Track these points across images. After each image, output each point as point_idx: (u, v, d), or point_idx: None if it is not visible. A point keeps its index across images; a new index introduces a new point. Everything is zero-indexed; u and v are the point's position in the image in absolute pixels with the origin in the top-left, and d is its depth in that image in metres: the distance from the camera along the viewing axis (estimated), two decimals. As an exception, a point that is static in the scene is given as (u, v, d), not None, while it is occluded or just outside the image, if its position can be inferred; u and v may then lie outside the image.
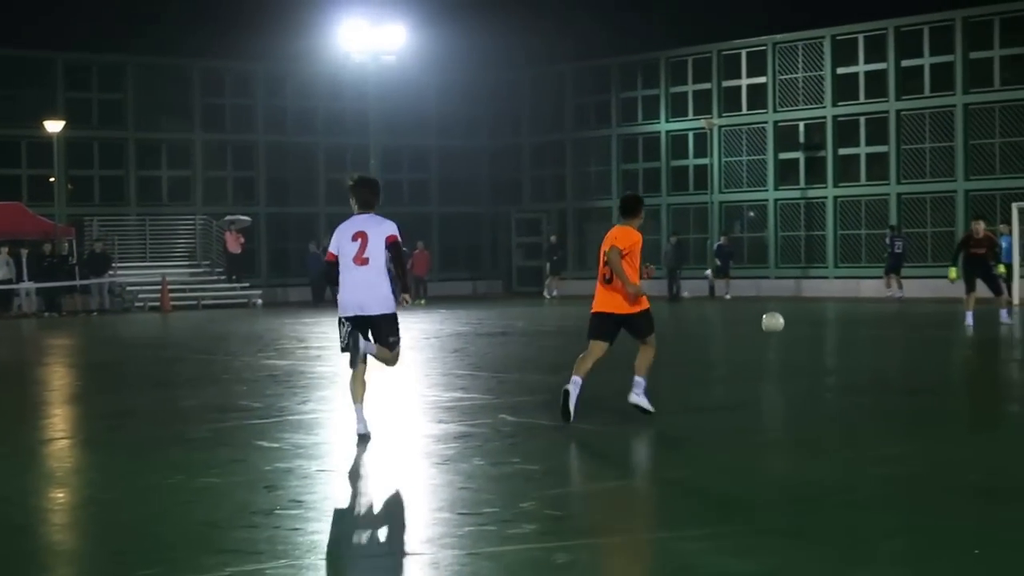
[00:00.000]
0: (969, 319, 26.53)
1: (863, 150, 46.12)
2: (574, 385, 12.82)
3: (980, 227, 27.02)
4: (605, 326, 13.27)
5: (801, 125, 47.54)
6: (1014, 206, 38.91)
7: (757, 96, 48.54)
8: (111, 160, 48.11)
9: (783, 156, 48.01)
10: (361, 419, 12.27)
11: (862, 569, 7.20)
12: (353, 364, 12.29)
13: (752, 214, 49.10)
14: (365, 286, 12.03)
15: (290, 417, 13.88)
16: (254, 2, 54.74)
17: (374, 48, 47.64)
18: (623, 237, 12.97)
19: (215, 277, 47.18)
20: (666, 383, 18.03)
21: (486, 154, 56.61)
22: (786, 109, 47.66)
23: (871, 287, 44.36)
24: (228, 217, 47.06)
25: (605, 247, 12.91)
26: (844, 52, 46.40)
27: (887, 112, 45.07)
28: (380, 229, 12.16)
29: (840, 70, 46.40)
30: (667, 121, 50.87)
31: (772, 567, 7.27)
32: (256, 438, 12.34)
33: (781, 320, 17.66)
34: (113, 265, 43.99)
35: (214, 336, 29.43)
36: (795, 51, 47.44)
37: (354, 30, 47.24)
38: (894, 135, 44.84)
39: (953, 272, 27.78)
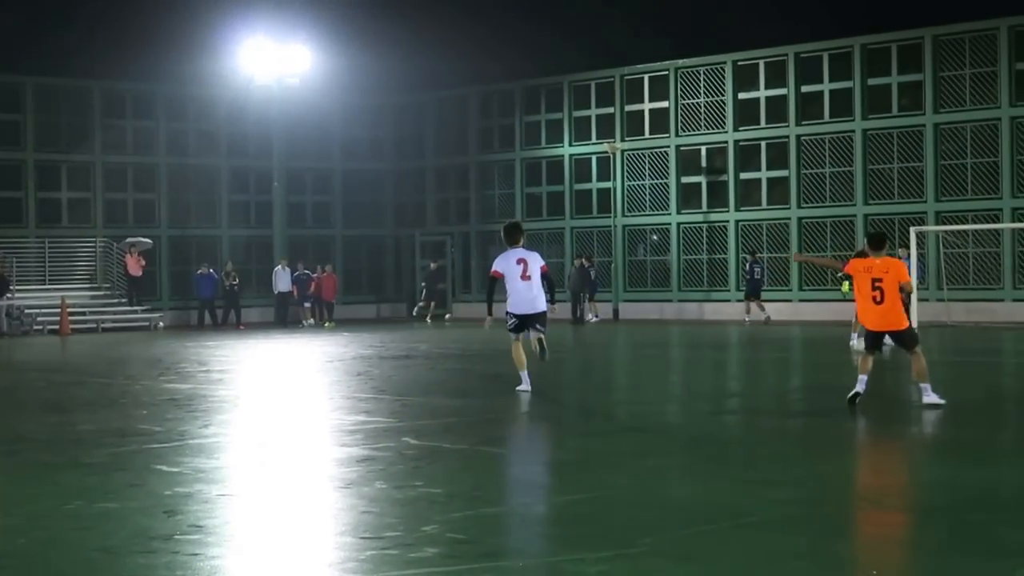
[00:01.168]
0: (854, 340, 27.16)
1: (764, 174, 46.57)
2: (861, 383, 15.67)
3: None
4: (877, 340, 15.98)
5: (703, 149, 47.92)
6: (912, 230, 39.48)
7: (660, 120, 48.87)
8: (9, 182, 47.47)
9: (685, 180, 48.36)
10: (525, 380, 18.41)
11: (762, 590, 7.25)
12: (517, 334, 18.59)
13: (655, 237, 49.38)
14: (529, 294, 18.37)
15: (191, 441, 13.75)
16: (156, 24, 54.44)
17: (278, 71, 47.59)
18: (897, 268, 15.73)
19: (116, 300, 46.70)
20: (568, 407, 18.08)
21: (390, 177, 56.56)
22: (688, 133, 48.02)
23: (772, 310, 44.77)
24: (129, 239, 46.62)
25: (884, 276, 15.48)
26: (745, 77, 46.86)
27: (787, 137, 45.55)
28: (534, 258, 18.65)
29: (741, 95, 46.84)
30: (570, 145, 51.09)
31: (673, 589, 7.30)
32: (156, 462, 12.21)
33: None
34: (11, 288, 43.40)
35: (114, 359, 29.11)
36: (697, 76, 47.84)
37: (257, 53, 47.15)
38: (794, 160, 45.32)
39: (845, 286, 28.47)
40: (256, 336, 38.98)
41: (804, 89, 45.41)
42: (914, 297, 38.00)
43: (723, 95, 47.15)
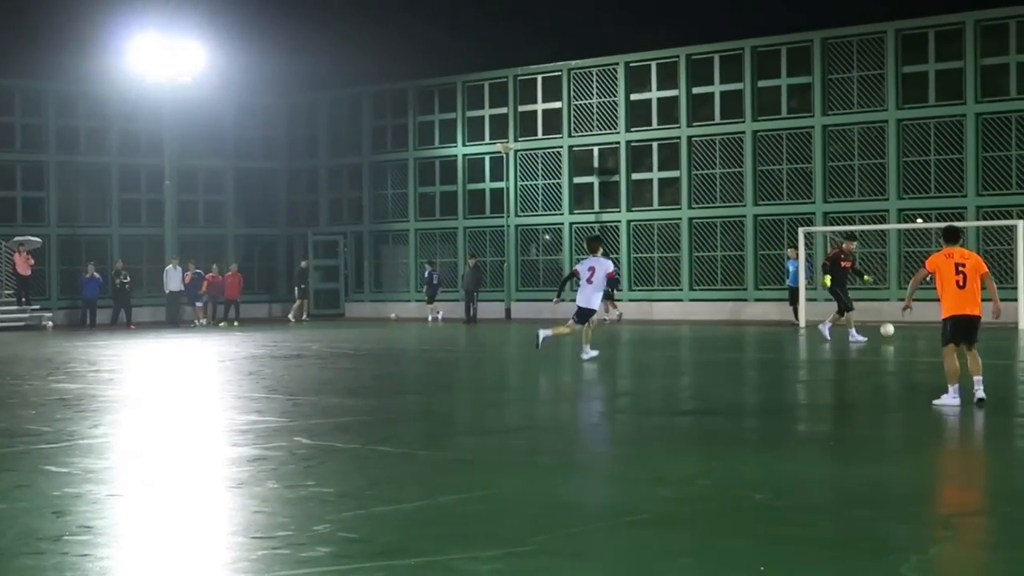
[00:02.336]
0: (826, 334, 30.02)
1: (655, 175, 46.90)
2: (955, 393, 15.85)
3: (852, 246, 31.79)
4: (959, 329, 16.04)
5: (595, 150, 48.18)
6: (800, 231, 39.98)
7: (552, 121, 49.05)
8: None
9: (578, 180, 48.58)
10: (586, 351, 24.68)
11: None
12: (579, 323, 24.83)
13: (548, 237, 49.55)
14: (588, 294, 24.67)
15: (80, 441, 13.63)
16: (47, 21, 53.73)
17: (170, 69, 47.19)
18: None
19: (4, 299, 46.05)
20: (459, 405, 18.13)
21: (283, 176, 56.30)
22: (581, 134, 48.25)
23: (664, 309, 45.18)
24: (17, 238, 45.98)
25: (966, 262, 16.00)
26: (637, 79, 47.16)
27: (679, 138, 45.91)
28: (603, 265, 24.61)
29: (633, 96, 47.14)
30: (464, 145, 51.13)
31: (563, 586, 7.36)
32: (44, 463, 12.09)
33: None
34: None
35: (2, 359, 28.72)
36: (590, 77, 48.08)
37: (150, 50, 46.71)
38: (685, 160, 45.69)
39: (828, 280, 30.77)
40: (147, 336, 38.63)
41: (695, 91, 45.79)
42: (802, 296, 38.61)
43: (615, 96, 47.42)
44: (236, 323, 46.17)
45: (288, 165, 56.23)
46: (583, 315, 24.81)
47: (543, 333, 25.58)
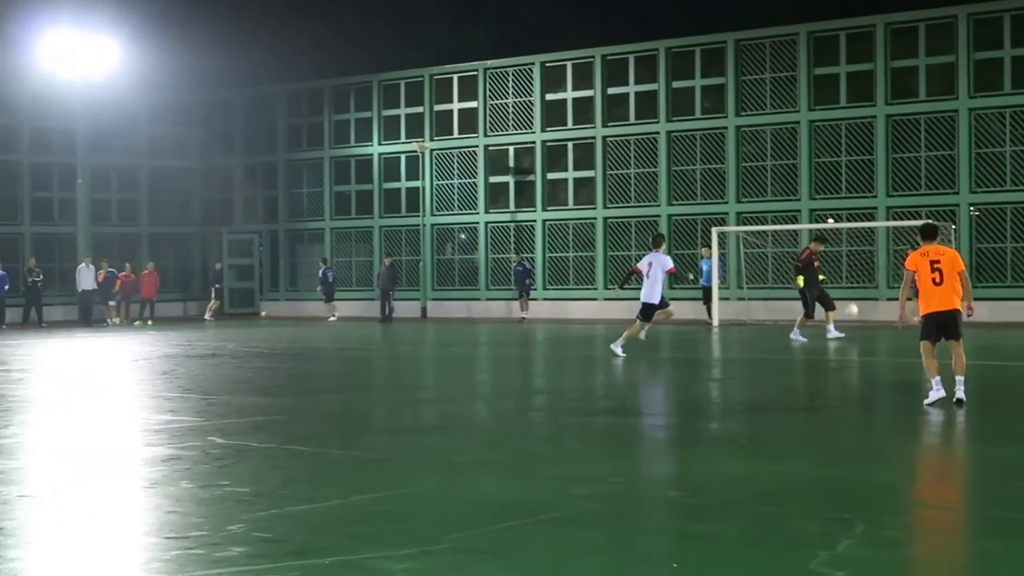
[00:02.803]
0: (798, 335, 29.87)
1: (571, 175, 47.05)
2: (938, 385, 15.84)
3: (820, 247, 32.51)
4: (933, 325, 16.29)
5: (511, 149, 48.25)
6: (714, 230, 40.28)
7: (468, 120, 49.08)
8: None
9: (493, 180, 48.63)
10: (618, 346, 25.11)
11: (565, 584, 7.39)
12: (645, 318, 25.69)
13: (463, 236, 49.58)
14: (648, 289, 25.39)
15: (-9, 442, 13.49)
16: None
17: (82, 66, 46.72)
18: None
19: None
20: (375, 404, 18.12)
21: (197, 174, 55.92)
22: (497, 134, 48.30)
23: (579, 308, 45.33)
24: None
25: (942, 258, 16.19)
26: (553, 79, 47.28)
27: (594, 138, 46.08)
28: (662, 261, 25.51)
29: (549, 96, 47.26)
30: (380, 144, 51.04)
31: (478, 584, 7.40)
32: (-46, 464, 11.97)
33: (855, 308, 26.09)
34: None
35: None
36: (506, 77, 48.14)
37: (62, 47, 46.24)
38: (600, 160, 45.86)
39: (800, 280, 31.32)
40: (59, 335, 38.26)
41: (610, 91, 45.98)
42: (715, 295, 38.88)
43: (531, 96, 47.52)
44: (150, 322, 45.83)
45: (202, 163, 55.87)
46: (647, 310, 25.54)
47: (617, 348, 25.30)
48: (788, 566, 7.70)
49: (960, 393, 15.69)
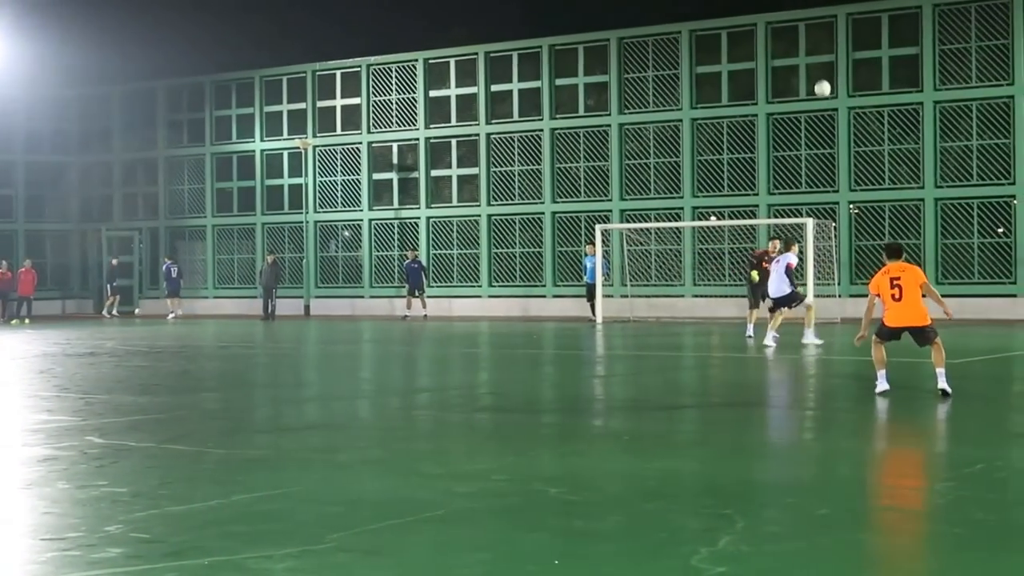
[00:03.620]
0: (751, 330, 29.99)
1: (455, 172, 47.02)
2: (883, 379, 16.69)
3: (776, 244, 31.80)
4: (892, 335, 16.87)
5: (395, 146, 48.13)
6: (598, 228, 40.45)
7: (352, 117, 48.88)
8: None
9: (377, 177, 48.48)
10: (772, 339, 26.29)
11: (445, 583, 7.36)
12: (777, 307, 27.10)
13: (347, 234, 49.37)
14: (775, 283, 26.85)
15: None
16: None
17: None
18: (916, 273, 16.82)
19: None
20: (256, 403, 17.97)
21: (75, 170, 55.15)
22: (380, 130, 48.15)
23: (463, 306, 45.34)
24: None
25: (902, 275, 16.62)
26: (437, 76, 47.23)
27: (478, 135, 46.09)
28: (785, 258, 26.80)
29: (433, 93, 47.20)
30: (262, 140, 50.68)
31: (359, 584, 7.35)
32: None
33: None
34: None
35: None
36: (389, 73, 48.01)
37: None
38: (484, 157, 45.89)
39: (755, 274, 31.03)
40: (-68, 334, 37.56)
41: (494, 88, 46.02)
42: (599, 292, 39.06)
43: (415, 92, 47.43)
44: (27, 320, 45.10)
45: (80, 159, 55.12)
46: (779, 303, 26.99)
47: (769, 340, 26.34)
48: (670, 562, 7.72)
49: (943, 384, 16.18)
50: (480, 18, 53.50)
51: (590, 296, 40.08)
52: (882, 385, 16.49)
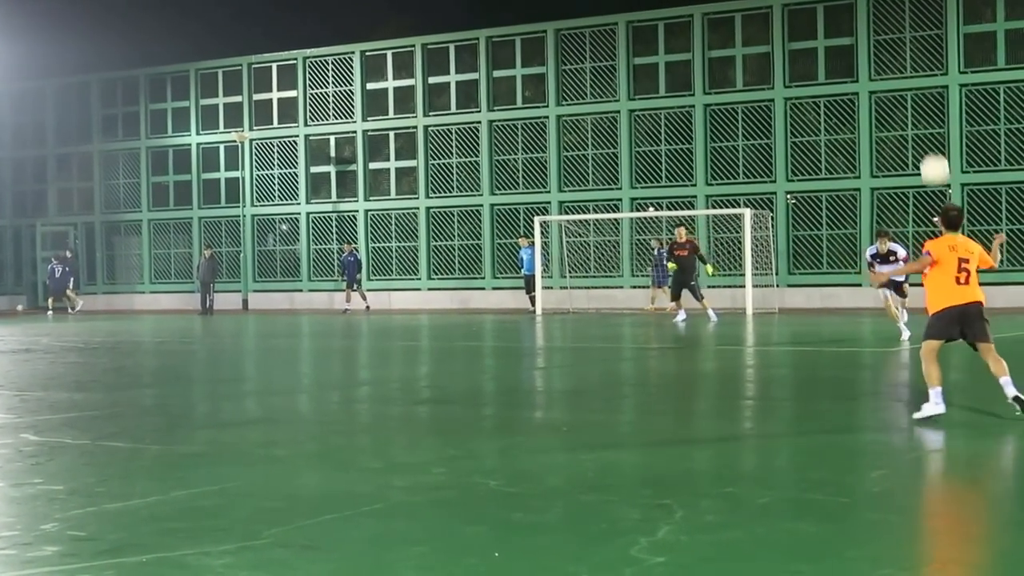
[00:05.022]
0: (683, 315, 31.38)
1: (393, 164, 46.92)
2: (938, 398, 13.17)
3: (682, 232, 33.35)
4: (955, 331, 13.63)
5: (332, 139, 47.97)
6: (536, 220, 40.47)
7: (288, 110, 48.67)
8: None
9: (315, 170, 48.30)
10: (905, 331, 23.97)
11: (385, 576, 7.33)
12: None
13: (285, 227, 49.18)
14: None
15: None
16: None
17: None
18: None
19: None
20: (194, 398, 17.86)
21: (7, 164, 54.63)
22: (317, 123, 47.98)
23: (403, 299, 45.27)
24: None
25: (974, 260, 13.47)
26: (374, 68, 47.10)
27: (416, 128, 46.01)
28: (898, 249, 24.50)
29: (370, 86, 47.06)
30: (198, 134, 50.38)
31: (298, 578, 7.31)
32: None
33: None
34: None
35: None
36: (326, 66, 47.83)
37: None
38: (423, 150, 45.82)
39: (672, 265, 32.72)
40: None
41: (431, 80, 45.95)
42: (538, 285, 39.08)
43: (351, 85, 47.28)
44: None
45: (12, 153, 54.60)
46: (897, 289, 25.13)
47: (903, 329, 24.85)
48: (609, 553, 7.73)
49: (1013, 391, 13.12)
50: (417, 10, 53.41)
51: (528, 288, 40.08)
52: (937, 406, 13.05)
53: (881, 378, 18.98)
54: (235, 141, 48.21)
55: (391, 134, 46.98)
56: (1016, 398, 13.00)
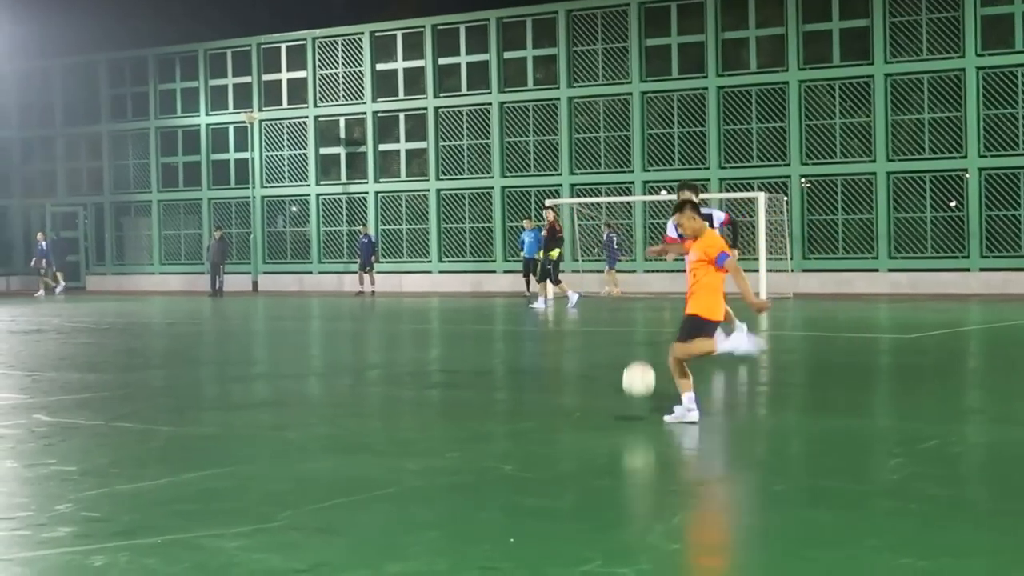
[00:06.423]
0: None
1: (403, 146, 46.84)
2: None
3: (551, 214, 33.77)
4: None
5: (342, 120, 47.90)
6: (547, 202, 40.41)
7: (298, 90, 48.61)
8: None
9: (324, 151, 48.23)
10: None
11: (398, 561, 7.27)
12: None
13: (295, 209, 49.13)
14: None
15: None
16: None
17: None
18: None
19: None
20: (205, 380, 17.83)
21: (16, 145, 54.59)
22: (327, 104, 47.90)
23: (413, 282, 45.21)
24: None
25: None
26: (383, 49, 47.00)
27: (426, 109, 45.92)
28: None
29: (379, 66, 46.97)
30: (207, 114, 50.33)
31: (311, 563, 7.26)
32: None
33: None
34: None
35: None
36: (335, 46, 47.75)
37: None
38: (433, 131, 45.74)
39: (555, 252, 33.18)
40: None
41: (441, 61, 45.86)
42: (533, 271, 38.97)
43: (361, 66, 47.20)
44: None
45: (21, 134, 54.56)
46: None
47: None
48: (624, 540, 7.68)
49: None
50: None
51: (526, 272, 39.79)
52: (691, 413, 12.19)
53: (899, 363, 18.93)
54: (244, 122, 48.16)
55: (401, 115, 46.89)
56: None
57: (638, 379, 12.25)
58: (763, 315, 26.75)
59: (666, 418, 12.13)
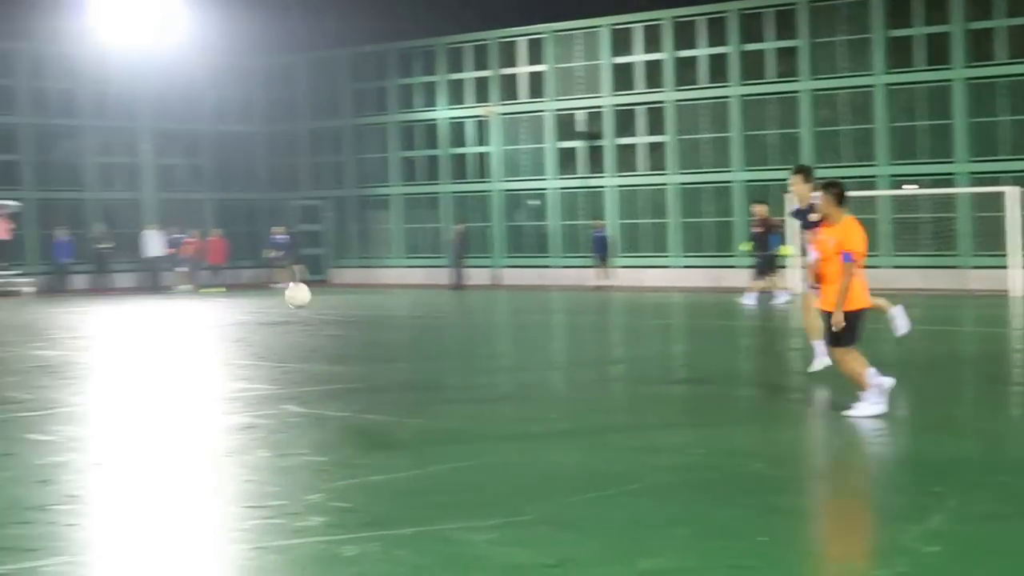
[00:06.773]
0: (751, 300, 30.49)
1: (641, 140, 46.67)
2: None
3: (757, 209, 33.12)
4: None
5: (579, 114, 47.94)
6: (786, 196, 39.82)
7: (536, 85, 48.80)
8: None
9: (562, 145, 48.33)
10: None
11: (647, 558, 7.20)
12: None
13: (537, 202, 49.29)
14: None
15: (62, 409, 13.46)
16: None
17: (145, 30, 46.77)
18: None
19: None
20: (450, 373, 17.97)
21: (261, 140, 55.89)
22: (565, 98, 48.01)
23: (654, 276, 45.03)
24: (-4, 202, 45.51)
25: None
26: (621, 42, 46.90)
27: (663, 102, 45.69)
28: None
29: (617, 60, 46.90)
30: (446, 108, 50.87)
31: (560, 557, 7.23)
32: (27, 431, 11.92)
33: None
34: None
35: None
36: (573, 41, 47.82)
37: (125, 11, 46.28)
38: (671, 125, 45.48)
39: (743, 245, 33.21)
40: (128, 302, 38.37)
41: (680, 54, 45.58)
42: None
43: (599, 60, 47.17)
44: (224, 289, 45.88)
45: (266, 128, 55.82)
46: None
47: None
48: (878, 541, 7.50)
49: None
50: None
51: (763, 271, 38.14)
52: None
53: None
54: (483, 116, 48.51)
55: (638, 109, 46.71)
56: None
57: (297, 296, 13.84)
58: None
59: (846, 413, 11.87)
